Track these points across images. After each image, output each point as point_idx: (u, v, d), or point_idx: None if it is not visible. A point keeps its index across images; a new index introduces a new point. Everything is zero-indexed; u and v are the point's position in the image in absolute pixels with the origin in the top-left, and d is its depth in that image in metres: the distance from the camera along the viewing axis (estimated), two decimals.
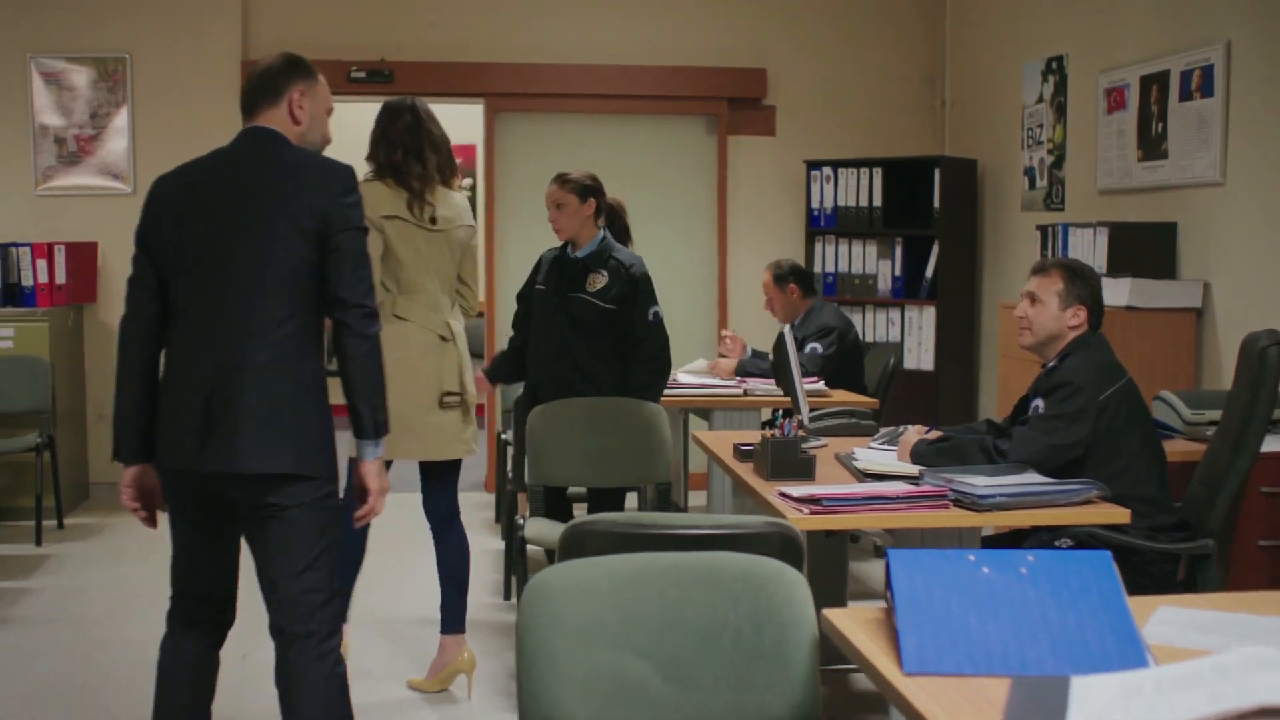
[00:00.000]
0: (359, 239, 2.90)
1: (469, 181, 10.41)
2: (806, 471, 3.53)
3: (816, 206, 7.40)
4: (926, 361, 7.00)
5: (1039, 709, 1.65)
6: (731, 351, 5.89)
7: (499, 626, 4.90)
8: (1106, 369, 3.59)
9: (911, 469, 3.52)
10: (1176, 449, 4.04)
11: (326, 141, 3.13)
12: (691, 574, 2.15)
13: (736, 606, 2.11)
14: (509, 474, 5.50)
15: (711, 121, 7.68)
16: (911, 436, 3.72)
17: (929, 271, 7.01)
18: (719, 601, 2.12)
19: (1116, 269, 5.14)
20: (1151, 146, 5.41)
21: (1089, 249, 5.31)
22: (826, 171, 7.34)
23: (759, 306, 6.25)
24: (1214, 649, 1.91)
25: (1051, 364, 3.68)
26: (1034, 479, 3.30)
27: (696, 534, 2.53)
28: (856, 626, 2.02)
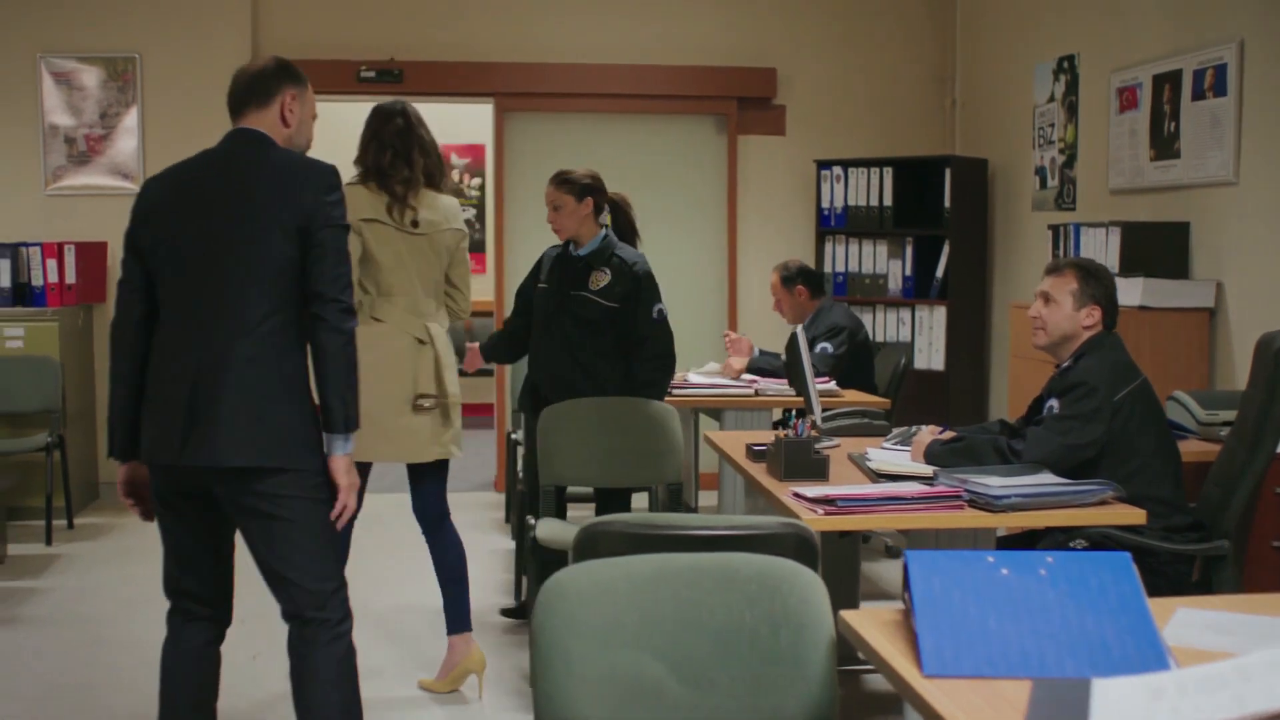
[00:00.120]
0: (340, 235, 2.95)
1: (478, 181, 10.41)
2: (820, 472, 3.52)
3: (827, 206, 7.38)
4: (937, 362, 6.98)
5: (1061, 711, 1.64)
6: (737, 351, 5.88)
7: (509, 626, 4.89)
8: (1121, 369, 3.57)
9: (925, 469, 3.50)
10: (1190, 449, 4.02)
11: (309, 145, 3.18)
12: (707, 575, 2.13)
13: (753, 608, 2.10)
14: (519, 474, 5.49)
15: (721, 121, 7.67)
16: (925, 437, 3.70)
17: (939, 271, 6.99)
18: (735, 602, 2.11)
19: (1129, 269, 5.12)
20: (1164, 146, 5.39)
21: (1101, 249, 5.29)
22: (837, 171, 7.32)
23: (769, 307, 6.24)
24: (1235, 651, 1.90)
25: (1066, 364, 3.66)
26: (1049, 479, 3.28)
27: (711, 535, 2.52)
28: (874, 628, 2.01)
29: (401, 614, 5.04)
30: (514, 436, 6.11)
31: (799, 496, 3.23)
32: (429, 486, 4.15)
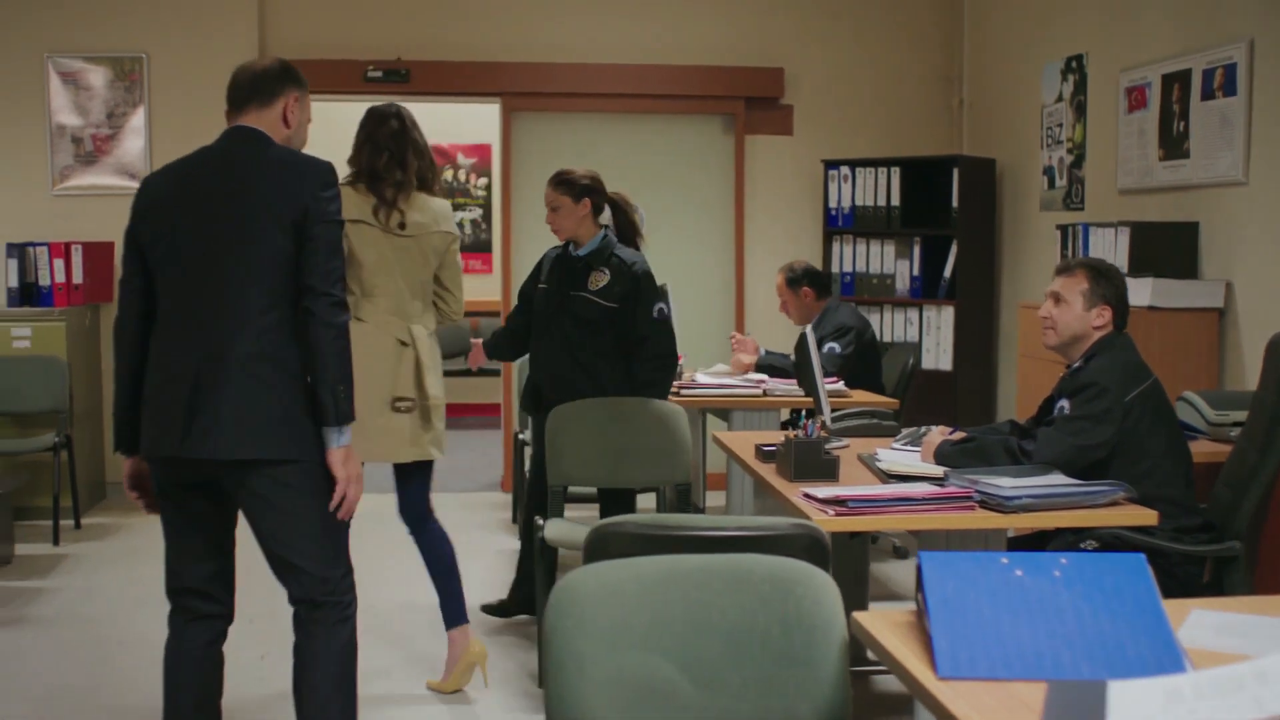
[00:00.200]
0: (334, 231, 2.98)
1: (484, 181, 10.40)
2: (830, 472, 3.51)
3: (834, 206, 7.37)
4: (945, 362, 6.97)
5: (1077, 714, 1.63)
6: (743, 350, 5.87)
7: (516, 626, 4.89)
8: (1132, 369, 3.56)
9: (936, 470, 3.50)
10: (1200, 450, 4.01)
11: (303, 148, 3.20)
12: (719, 576, 2.13)
13: (765, 609, 2.09)
14: (526, 474, 5.48)
15: (728, 121, 7.66)
16: (935, 437, 3.69)
17: (947, 271, 6.98)
18: (747, 604, 2.10)
19: (1138, 269, 5.10)
20: (1173, 146, 5.37)
21: (1110, 249, 5.28)
22: (844, 171, 7.31)
23: (776, 307, 6.23)
24: (1249, 653, 1.89)
25: (1077, 364, 3.65)
26: (1060, 480, 3.28)
27: (722, 536, 2.52)
28: (887, 629, 2.00)
29: (403, 613, 5.03)
30: (521, 437, 6.11)
31: (809, 497, 3.22)
32: (413, 487, 4.16)
